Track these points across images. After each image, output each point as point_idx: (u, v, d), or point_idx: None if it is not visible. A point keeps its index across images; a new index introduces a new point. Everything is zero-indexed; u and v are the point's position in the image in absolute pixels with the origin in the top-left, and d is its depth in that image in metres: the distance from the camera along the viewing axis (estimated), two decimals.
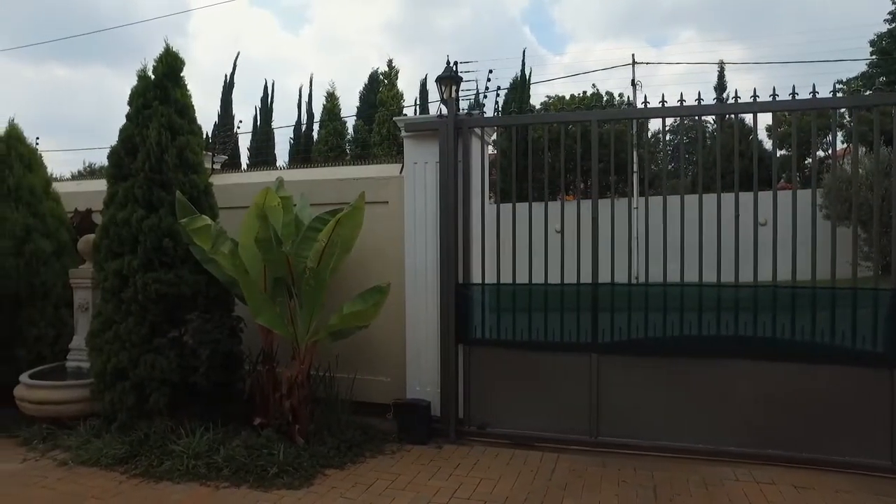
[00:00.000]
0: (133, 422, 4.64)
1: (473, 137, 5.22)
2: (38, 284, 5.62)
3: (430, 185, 5.24)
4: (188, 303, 4.79)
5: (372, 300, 4.69)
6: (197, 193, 4.95)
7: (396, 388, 5.47)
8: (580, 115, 4.84)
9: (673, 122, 28.07)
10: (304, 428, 4.72)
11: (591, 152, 4.87)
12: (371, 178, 5.75)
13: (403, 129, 5.29)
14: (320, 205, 5.47)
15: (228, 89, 25.01)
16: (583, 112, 4.82)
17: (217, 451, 4.38)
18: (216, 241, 4.51)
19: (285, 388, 4.80)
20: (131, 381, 4.60)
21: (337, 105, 23.43)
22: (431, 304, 5.26)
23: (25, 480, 4.26)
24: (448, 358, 5.13)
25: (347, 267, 5.40)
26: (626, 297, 4.84)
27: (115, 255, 4.73)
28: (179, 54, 5.05)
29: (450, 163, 5.04)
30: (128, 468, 4.34)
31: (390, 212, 5.58)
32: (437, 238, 5.18)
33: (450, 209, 5.06)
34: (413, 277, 5.36)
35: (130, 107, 4.93)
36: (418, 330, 5.33)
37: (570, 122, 5.38)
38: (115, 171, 4.87)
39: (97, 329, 4.78)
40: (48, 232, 5.81)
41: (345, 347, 5.31)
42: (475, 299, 5.19)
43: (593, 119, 4.89)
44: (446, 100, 5.08)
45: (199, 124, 5.19)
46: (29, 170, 5.91)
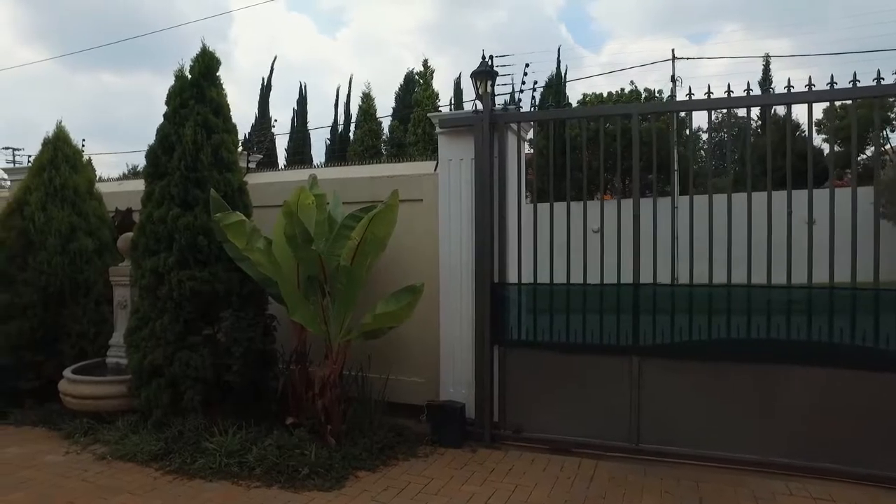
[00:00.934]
0: (168, 419, 4.67)
1: (510, 133, 5.09)
2: (80, 281, 5.75)
3: (465, 183, 5.13)
4: (222, 300, 4.80)
5: (405, 300, 4.60)
6: (231, 192, 4.96)
7: (430, 389, 5.38)
8: (621, 109, 4.64)
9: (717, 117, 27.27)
10: (336, 428, 4.67)
11: (632, 148, 4.67)
12: (405, 176, 5.67)
13: (438, 125, 5.19)
14: (354, 203, 5.43)
15: (266, 91, 25.47)
16: (623, 106, 4.63)
17: (249, 449, 4.36)
18: (250, 238, 4.50)
19: (318, 387, 4.76)
20: (166, 379, 4.64)
21: (372, 106, 23.55)
22: (466, 304, 5.14)
23: (66, 473, 4.34)
24: (483, 359, 5.00)
25: (382, 265, 5.33)
26: (670, 299, 4.63)
27: (152, 252, 4.77)
28: (215, 54, 5.08)
29: (485, 159, 4.91)
30: (162, 464, 4.38)
31: (425, 210, 5.49)
32: (472, 236, 5.06)
33: (485, 207, 4.93)
34: (448, 277, 5.25)
35: (168, 106, 4.98)
36: (453, 330, 5.22)
37: (609, 117, 5.18)
38: (152, 170, 4.92)
39: (134, 326, 4.83)
40: (91, 230, 5.94)
41: (378, 347, 5.25)
42: (511, 299, 5.05)
43: (634, 113, 4.68)
44: (481, 95, 4.92)
45: (233, 123, 5.20)
46: (74, 170, 6.05)
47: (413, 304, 4.58)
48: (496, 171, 4.97)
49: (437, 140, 5.36)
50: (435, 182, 5.39)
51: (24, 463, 4.58)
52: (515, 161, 5.17)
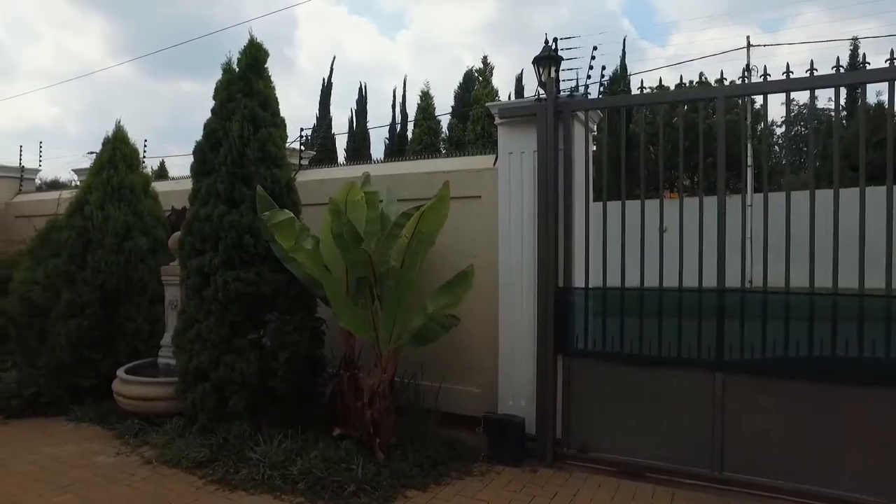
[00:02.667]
0: (213, 424, 4.50)
1: (576, 123, 4.62)
2: (135, 280, 5.72)
3: (527, 178, 4.71)
4: (268, 302, 4.59)
5: (457, 288, 4.31)
6: (279, 188, 4.74)
7: (487, 400, 5.00)
8: (704, 92, 4.08)
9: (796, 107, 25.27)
10: (386, 441, 4.36)
11: (717, 137, 4.11)
12: (462, 171, 5.32)
13: (497, 115, 4.80)
14: (409, 200, 5.14)
15: (326, 92, 25.79)
16: (707, 88, 4.06)
17: (294, 461, 4.12)
18: (298, 238, 4.26)
19: (367, 396, 4.47)
20: (212, 383, 4.47)
21: (431, 104, 23.34)
22: (527, 310, 4.73)
23: (114, 476, 4.25)
24: (545, 370, 4.57)
25: (438, 268, 5.01)
26: (761, 307, 4.04)
27: (198, 252, 4.63)
28: (263, 46, 4.88)
29: (549, 152, 4.48)
30: (206, 472, 4.21)
31: (483, 207, 5.12)
32: (534, 236, 4.64)
33: (549, 204, 4.50)
34: (507, 279, 4.85)
35: (215, 101, 4.83)
36: (512, 337, 4.82)
37: (691, 101, 4.60)
38: (199, 167, 4.78)
39: (181, 327, 4.71)
40: (146, 229, 5.92)
41: (431, 354, 4.92)
42: (577, 305, 4.59)
43: (719, 95, 4.11)
44: (544, 82, 4.48)
45: (282, 117, 4.99)
46: (131, 169, 6.06)
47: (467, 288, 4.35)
48: (561, 164, 4.53)
49: (497, 132, 4.96)
50: (494, 177, 5.01)
51: (77, 462, 4.54)
52: (582, 154, 4.70)
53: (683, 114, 4.30)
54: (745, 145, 5.03)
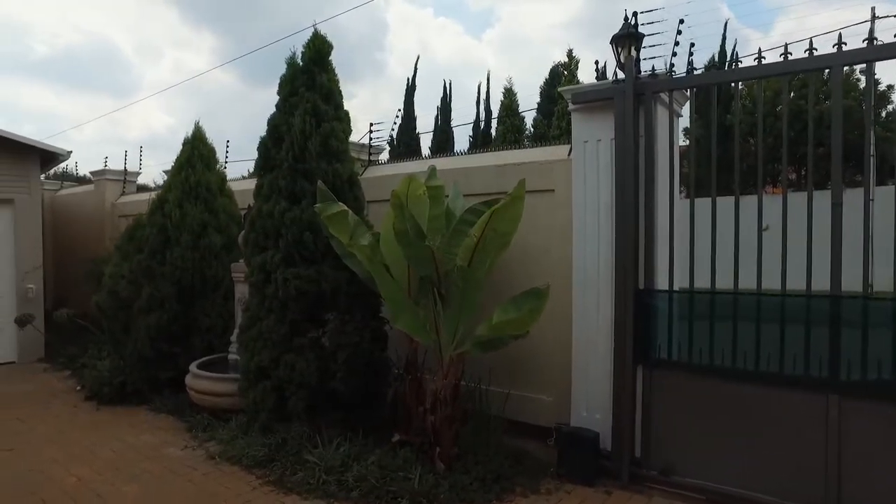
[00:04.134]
0: (273, 423, 4.44)
1: (659, 106, 4.13)
2: (209, 277, 5.85)
3: (604, 169, 4.28)
4: (329, 301, 4.47)
5: (527, 306, 3.88)
6: (340, 183, 4.60)
7: (559, 409, 4.62)
8: (816, 62, 3.44)
9: None
10: (447, 451, 4.10)
11: (832, 116, 3.48)
12: (534, 163, 4.95)
13: (570, 100, 4.39)
14: (478, 195, 4.86)
15: (411, 92, 25.90)
16: (820, 57, 3.42)
17: (350, 467, 3.95)
18: (354, 233, 4.09)
19: (429, 402, 4.23)
20: (272, 382, 4.41)
21: (515, 101, 22.84)
22: (604, 314, 4.30)
23: (178, 470, 4.30)
24: (623, 381, 4.12)
25: (505, 267, 4.69)
26: (891, 317, 3.37)
27: (261, 249, 4.58)
28: (327, 38, 4.76)
29: (628, 139, 4.02)
30: (264, 472, 4.15)
31: (557, 202, 4.73)
32: (611, 233, 4.21)
33: (628, 197, 4.04)
34: (582, 280, 4.44)
35: (279, 95, 4.77)
36: (587, 344, 4.40)
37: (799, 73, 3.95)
38: (262, 163, 4.74)
39: (245, 325, 4.69)
40: (220, 227, 6.03)
41: (500, 358, 4.60)
42: (660, 310, 4.10)
43: (835, 65, 3.47)
44: (623, 62, 4.03)
45: (346, 110, 4.86)
46: (208, 168, 6.21)
47: (537, 311, 3.85)
48: (642, 152, 4.05)
49: (571, 120, 4.55)
50: (569, 169, 4.60)
51: (149, 453, 4.65)
52: (666, 141, 4.19)
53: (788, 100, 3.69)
54: (870, 128, 4.28)
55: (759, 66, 3.65)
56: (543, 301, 3.80)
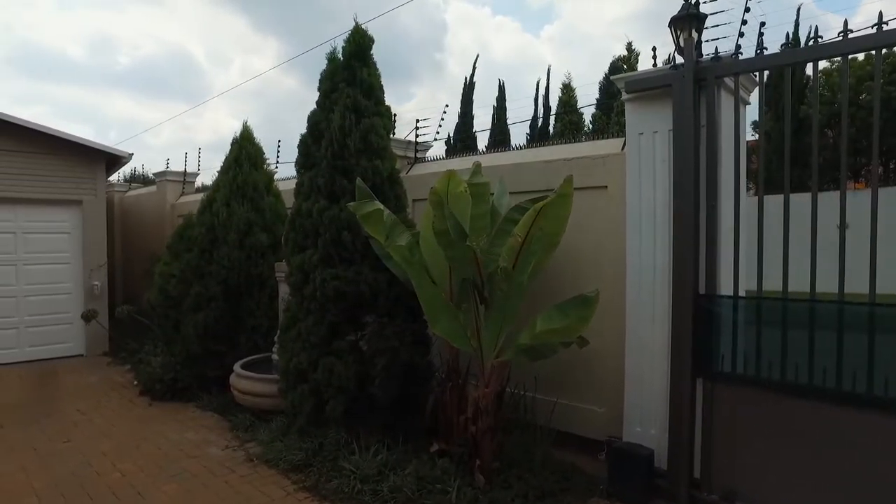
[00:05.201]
0: (311, 427, 4.35)
1: (723, 93, 3.74)
2: (255, 276, 5.85)
3: (661, 163, 3.93)
4: (369, 303, 4.33)
5: (575, 313, 3.61)
6: (380, 181, 4.45)
7: (611, 421, 4.31)
8: None
9: None
10: (487, 463, 3.87)
11: None
12: (585, 158, 4.65)
13: (624, 88, 4.05)
14: (525, 192, 4.62)
15: (469, 90, 25.73)
16: None
17: (386, 477, 3.80)
18: (391, 232, 3.92)
19: (471, 411, 4.02)
20: (310, 385, 4.31)
21: (573, 97, 22.27)
22: (660, 320, 3.95)
23: (217, 471, 4.28)
24: (681, 394, 3.76)
25: (554, 269, 4.43)
26: None
27: (300, 248, 4.50)
28: (368, 32, 4.62)
29: (687, 130, 3.66)
30: (300, 477, 4.07)
31: (610, 199, 4.42)
32: (668, 232, 3.86)
33: (686, 194, 3.68)
34: (636, 284, 4.10)
35: (319, 91, 4.67)
36: (641, 353, 4.07)
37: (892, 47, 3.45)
38: (303, 160, 4.65)
39: (284, 325, 4.62)
40: (266, 226, 6.03)
41: (547, 365, 4.33)
42: (723, 317, 3.71)
43: None
44: (683, 46, 3.68)
45: (387, 105, 4.70)
46: (254, 168, 6.22)
47: (585, 319, 3.56)
48: (703, 145, 3.68)
49: (625, 111, 4.22)
50: (622, 164, 4.27)
51: (191, 451, 4.68)
52: (731, 131, 3.80)
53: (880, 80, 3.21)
54: None
55: (845, 41, 3.20)
56: (591, 309, 3.51)
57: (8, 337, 7.95)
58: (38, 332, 8.11)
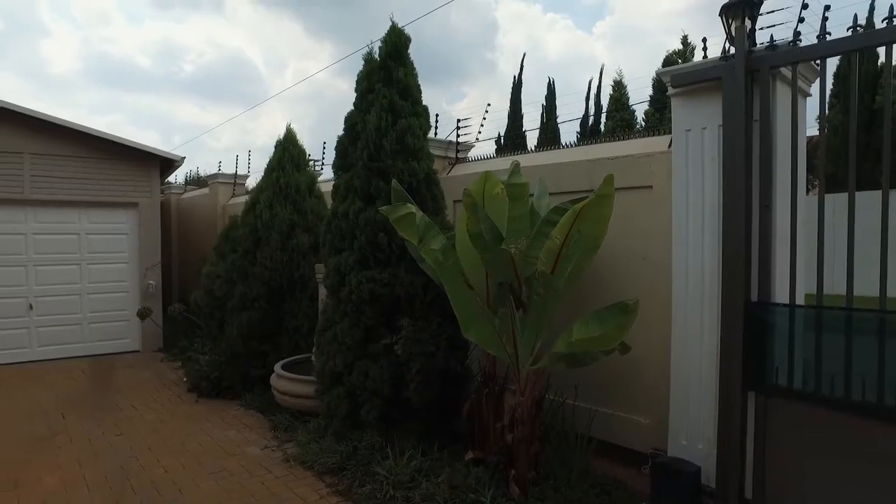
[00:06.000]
0: (346, 430, 4.33)
1: (779, 85, 3.47)
2: (297, 277, 5.91)
3: (710, 161, 3.69)
4: (405, 306, 4.27)
5: (613, 321, 3.43)
6: (417, 182, 4.39)
7: (656, 433, 4.10)
8: None
9: None
10: (523, 474, 3.74)
11: None
12: (629, 157, 4.45)
13: (670, 83, 3.83)
14: (567, 193, 4.48)
15: (517, 89, 25.41)
16: None
17: (419, 483, 3.73)
18: (424, 235, 3.84)
19: (507, 418, 3.90)
20: (345, 388, 4.29)
21: (624, 94, 21.62)
22: (709, 328, 3.71)
23: (254, 471, 4.32)
24: (730, 408, 3.52)
25: (594, 274, 4.26)
26: None
27: (337, 250, 4.48)
28: (404, 31, 4.57)
29: (738, 125, 3.42)
30: (334, 481, 4.05)
31: (656, 200, 4.21)
32: (718, 235, 3.62)
33: (737, 194, 3.44)
34: (683, 290, 3.87)
35: (356, 92, 4.64)
36: (688, 362, 3.84)
37: None
38: (340, 162, 4.64)
39: (321, 327, 4.62)
40: (308, 227, 6.08)
41: (588, 372, 4.16)
42: (778, 326, 3.45)
43: None
44: (734, 35, 3.44)
45: (424, 105, 4.63)
46: (297, 169, 6.29)
47: (623, 328, 3.38)
48: (756, 140, 3.43)
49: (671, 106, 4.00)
50: (669, 162, 4.05)
51: (232, 450, 4.75)
52: (788, 125, 3.52)
53: None
54: None
55: None
56: (630, 317, 3.33)
57: (73, 332, 8.38)
58: (99, 328, 8.51)
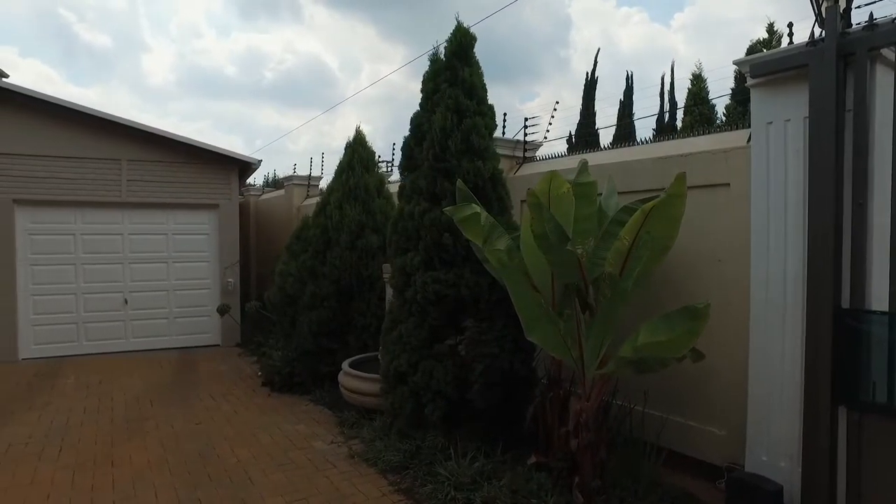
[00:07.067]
0: (410, 429, 4.35)
1: (879, 68, 3.16)
2: (365, 277, 6.02)
3: (794, 156, 3.42)
4: (469, 307, 4.25)
5: (682, 326, 3.25)
6: (482, 182, 4.35)
7: (732, 446, 3.88)
8: None
9: None
10: (587, 481, 3.62)
11: None
12: (703, 153, 4.22)
13: (749, 73, 3.59)
14: (637, 192, 4.34)
15: (591, 86, 24.82)
16: None
17: (480, 486, 3.69)
18: (489, 236, 3.81)
19: (572, 423, 3.79)
20: (409, 388, 4.32)
21: (704, 88, 20.58)
22: (792, 338, 3.45)
23: (320, 465, 4.44)
24: (817, 425, 3.26)
25: (665, 277, 4.08)
26: None
27: (402, 251, 4.52)
28: (470, 31, 4.54)
29: (828, 116, 3.15)
30: (396, 479, 4.09)
31: (733, 198, 3.98)
32: (803, 237, 3.35)
33: (826, 190, 3.17)
34: (763, 295, 3.62)
35: (422, 93, 4.66)
36: (768, 372, 3.58)
37: None
38: (406, 163, 4.67)
39: (387, 327, 4.67)
40: (377, 227, 6.18)
41: (659, 378, 3.98)
42: (873, 335, 3.15)
43: None
44: (824, 16, 3.18)
45: (490, 104, 4.59)
46: (366, 171, 6.41)
47: (693, 334, 3.20)
48: (849, 132, 3.15)
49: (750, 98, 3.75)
50: (747, 158, 3.80)
51: (300, 443, 4.90)
52: (890, 115, 3.21)
53: None
54: None
55: None
56: (701, 323, 3.14)
57: (161, 325, 8.97)
58: (183, 323, 9.06)
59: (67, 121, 8.16)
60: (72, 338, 8.46)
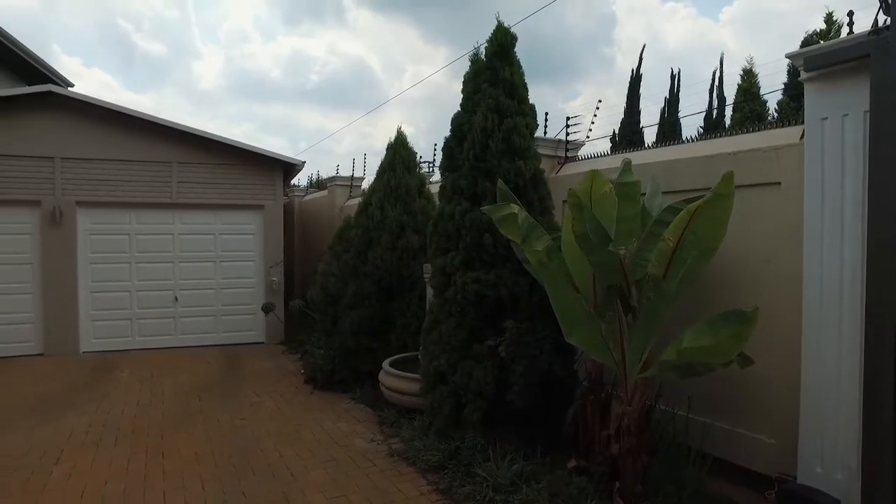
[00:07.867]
0: (449, 429, 4.36)
1: None
2: (406, 277, 6.05)
3: (852, 152, 3.27)
4: (510, 308, 4.22)
5: (727, 330, 3.14)
6: (523, 182, 4.32)
7: (783, 455, 3.72)
8: None
9: None
10: (628, 487, 3.54)
11: None
12: (753, 151, 4.07)
13: (803, 66, 3.44)
14: (683, 192, 4.22)
15: (635, 84, 24.30)
16: None
17: (519, 488, 3.66)
18: (528, 236, 3.77)
19: (614, 427, 3.72)
20: (449, 388, 4.32)
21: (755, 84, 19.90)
22: (848, 342, 3.29)
23: (360, 463, 4.49)
24: (878, 435, 3.09)
25: (712, 280, 3.96)
26: None
27: (443, 251, 4.53)
28: (510, 30, 4.52)
29: (891, 110, 2.99)
30: (435, 479, 4.10)
31: (784, 197, 3.82)
32: (861, 238, 3.19)
33: (889, 188, 3.01)
34: (816, 300, 3.47)
35: (463, 93, 4.66)
36: (822, 379, 3.43)
37: None
38: (447, 163, 4.67)
39: (427, 327, 4.69)
40: (417, 227, 6.20)
41: (705, 383, 3.86)
42: None
43: None
44: (890, 2, 3.03)
45: (531, 104, 4.55)
46: (407, 171, 6.45)
47: (740, 338, 3.08)
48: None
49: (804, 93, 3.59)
50: (800, 156, 3.65)
51: (341, 441, 4.97)
52: None
53: None
54: None
55: None
56: (748, 327, 3.03)
57: (208, 323, 9.25)
58: (229, 321, 9.33)
59: (124, 126, 8.55)
60: (126, 333, 8.84)
